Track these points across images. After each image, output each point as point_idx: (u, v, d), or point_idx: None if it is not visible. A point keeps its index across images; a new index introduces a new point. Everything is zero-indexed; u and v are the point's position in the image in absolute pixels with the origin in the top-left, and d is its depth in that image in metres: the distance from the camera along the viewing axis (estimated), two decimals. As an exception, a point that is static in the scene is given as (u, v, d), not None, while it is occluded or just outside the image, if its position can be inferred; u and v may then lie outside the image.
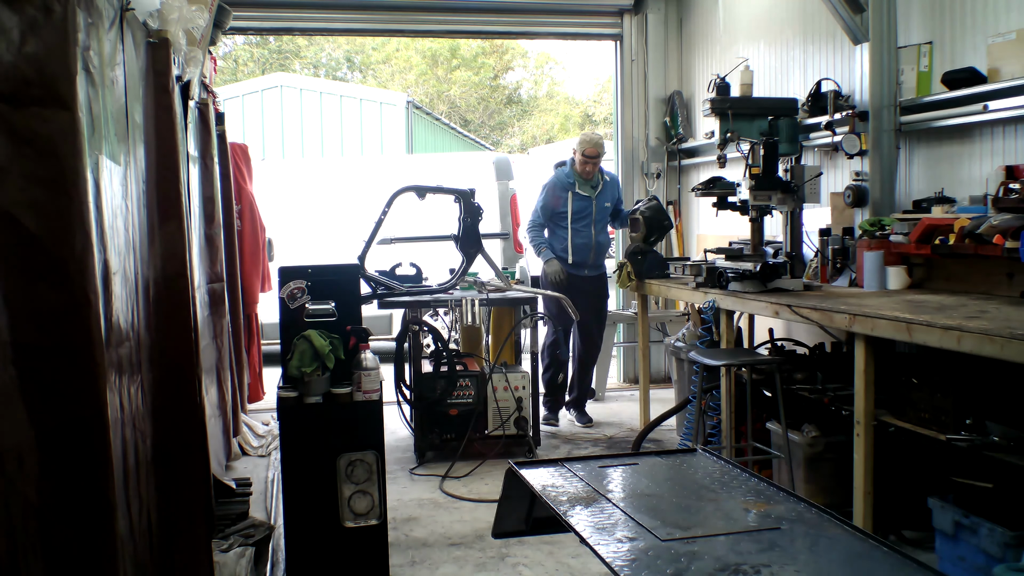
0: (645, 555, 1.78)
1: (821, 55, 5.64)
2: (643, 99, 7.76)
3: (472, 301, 5.48)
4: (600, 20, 7.92)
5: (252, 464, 5.49)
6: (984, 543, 3.22)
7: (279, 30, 9.93)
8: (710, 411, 5.00)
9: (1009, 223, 3.67)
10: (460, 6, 7.72)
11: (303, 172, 10.06)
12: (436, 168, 9.12)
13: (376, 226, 5.50)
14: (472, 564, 3.94)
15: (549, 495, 2.17)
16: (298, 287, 3.62)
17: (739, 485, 2.24)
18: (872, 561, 1.79)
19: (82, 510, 1.89)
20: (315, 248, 8.20)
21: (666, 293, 5.74)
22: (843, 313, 3.75)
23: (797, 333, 5.54)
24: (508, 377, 5.57)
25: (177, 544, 2.96)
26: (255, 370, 6.54)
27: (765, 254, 5.03)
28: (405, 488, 5.05)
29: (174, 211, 3.05)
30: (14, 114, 1.75)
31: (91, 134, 2.09)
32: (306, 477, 3.52)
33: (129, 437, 2.45)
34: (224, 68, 23.93)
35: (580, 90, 31.42)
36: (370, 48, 28.50)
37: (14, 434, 1.75)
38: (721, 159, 5.29)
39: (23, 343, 1.78)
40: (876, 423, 3.72)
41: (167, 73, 3.11)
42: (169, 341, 2.98)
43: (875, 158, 4.81)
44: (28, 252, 1.78)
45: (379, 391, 3.58)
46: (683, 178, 7.74)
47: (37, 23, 1.78)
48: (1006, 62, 4.05)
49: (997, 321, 3.13)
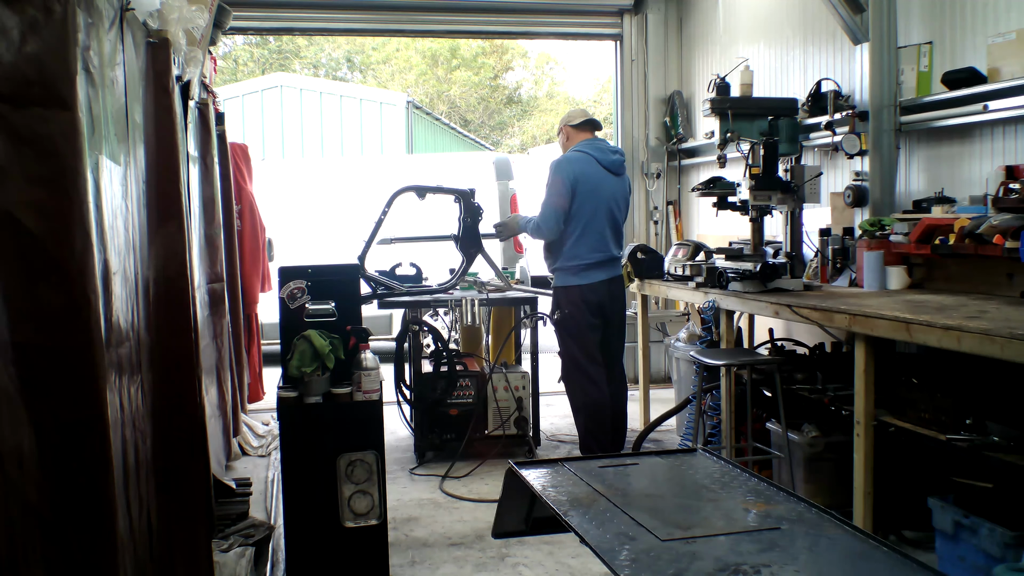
0: (645, 555, 1.78)
1: (821, 55, 5.64)
2: (643, 99, 7.76)
3: (472, 301, 5.48)
4: (600, 20, 7.93)
5: (252, 464, 5.49)
6: (984, 543, 3.22)
7: (279, 30, 9.94)
8: (710, 411, 5.00)
9: (1009, 223, 3.67)
10: (460, 6, 7.72)
11: (303, 172, 10.06)
12: (436, 168, 9.12)
13: (376, 226, 5.50)
14: (472, 564, 3.94)
15: (549, 495, 2.17)
16: (298, 287, 3.62)
17: (739, 485, 2.24)
18: (872, 561, 1.79)
19: (82, 510, 1.89)
20: (315, 248, 8.20)
21: (666, 293, 5.74)
22: (843, 313, 3.75)
23: (797, 333, 5.54)
24: (508, 377, 5.56)
25: (177, 544, 2.96)
26: (255, 370, 6.54)
27: (765, 254, 5.03)
28: (405, 488, 5.05)
29: (174, 211, 3.05)
30: (14, 114, 1.75)
31: (91, 134, 2.09)
32: (306, 477, 3.52)
33: (129, 437, 2.45)
34: (224, 68, 23.93)
35: (580, 90, 31.43)
36: (370, 48, 28.50)
37: (14, 434, 1.75)
38: (721, 159, 5.29)
39: (23, 343, 1.78)
40: (876, 423, 3.72)
41: (167, 73, 3.11)
42: (169, 341, 2.98)
43: (875, 158, 4.81)
44: (28, 252, 1.78)
45: (379, 391, 3.58)
46: (683, 178, 7.74)
47: (37, 23, 1.78)
48: (1006, 62, 4.05)
49: (997, 321, 3.13)
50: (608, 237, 5.09)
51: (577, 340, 5.16)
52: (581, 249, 5.03)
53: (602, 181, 5.07)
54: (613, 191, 5.11)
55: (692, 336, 5.85)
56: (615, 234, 5.16)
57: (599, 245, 5.04)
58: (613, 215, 5.12)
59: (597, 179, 5.06)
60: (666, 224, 7.80)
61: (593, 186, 5.05)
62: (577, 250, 5.03)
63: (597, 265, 5.05)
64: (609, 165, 5.11)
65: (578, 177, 5.05)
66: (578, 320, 5.10)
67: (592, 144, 5.20)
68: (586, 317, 5.10)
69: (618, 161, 5.16)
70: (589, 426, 5.15)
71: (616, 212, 5.14)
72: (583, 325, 5.10)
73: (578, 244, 5.04)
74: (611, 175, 5.11)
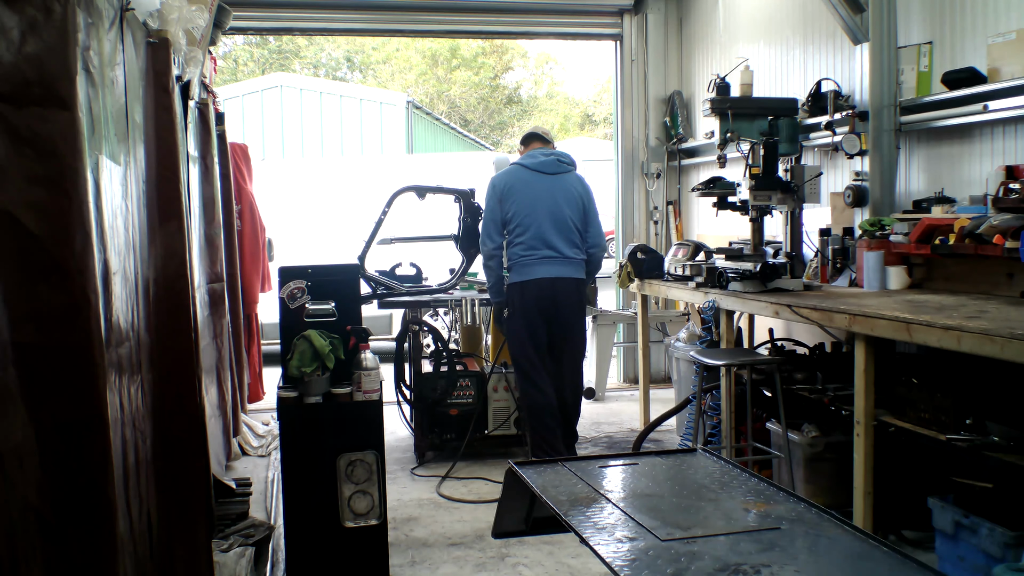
0: (645, 555, 1.78)
1: (821, 55, 5.64)
2: (643, 99, 7.76)
3: (472, 301, 5.48)
4: (600, 20, 7.92)
5: (252, 464, 5.49)
6: (984, 543, 3.22)
7: (279, 30, 9.93)
8: (710, 411, 5.00)
9: (1009, 223, 3.67)
10: (460, 6, 7.72)
11: (303, 172, 10.07)
12: (436, 168, 9.13)
13: (376, 226, 5.50)
14: (472, 564, 3.94)
15: (549, 495, 2.17)
16: (298, 287, 3.62)
17: (739, 485, 2.24)
18: (872, 561, 1.79)
19: (82, 510, 1.89)
20: (315, 248, 8.20)
21: (666, 293, 5.74)
22: (843, 313, 3.75)
23: (797, 333, 5.54)
24: (508, 377, 5.56)
25: (177, 544, 2.96)
26: (255, 370, 6.54)
27: (765, 254, 5.03)
28: (405, 488, 5.05)
29: (174, 211, 3.05)
30: (14, 114, 1.75)
31: (91, 134, 2.09)
32: (306, 477, 3.52)
33: (129, 437, 2.45)
34: (224, 68, 23.94)
35: (580, 90, 31.47)
36: (370, 48, 28.52)
37: (14, 434, 1.75)
38: (721, 159, 5.29)
39: (23, 343, 1.78)
40: (876, 423, 3.72)
41: (167, 73, 3.11)
42: (169, 341, 2.98)
43: (875, 158, 4.81)
44: (28, 252, 1.78)
45: (379, 391, 3.58)
46: (683, 178, 7.74)
47: (37, 23, 1.78)
48: (1006, 62, 4.05)
49: (997, 321, 3.13)
50: (549, 235, 5.01)
51: (514, 339, 5.11)
52: (517, 248, 5.05)
53: (531, 185, 5.08)
54: (549, 190, 5.07)
55: (692, 336, 5.85)
56: (561, 232, 5.05)
57: (535, 244, 5.01)
58: (554, 214, 5.05)
59: (524, 184, 5.09)
60: (666, 224, 7.80)
61: (520, 191, 5.07)
62: (514, 249, 5.07)
63: (537, 262, 5.00)
64: (537, 167, 5.13)
65: (503, 187, 5.11)
66: (517, 319, 5.06)
67: (526, 156, 5.25)
68: (524, 316, 5.03)
69: (548, 162, 5.14)
70: (535, 426, 5.10)
71: (557, 209, 5.05)
72: (520, 324, 5.05)
73: (515, 244, 5.07)
74: (543, 175, 5.11)
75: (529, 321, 5.02)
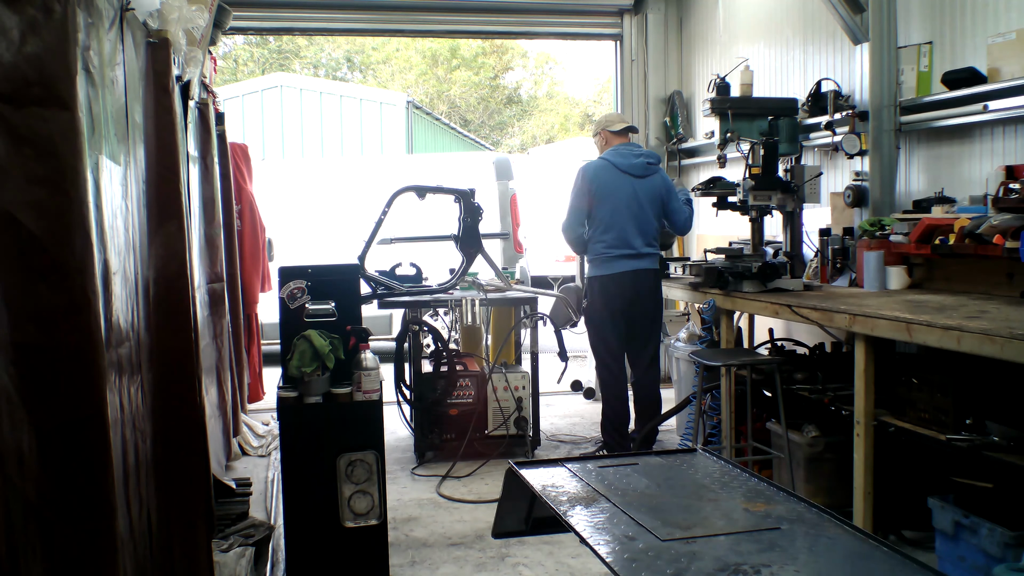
0: (645, 555, 1.78)
1: (821, 55, 5.64)
2: (643, 99, 7.76)
3: (472, 301, 5.48)
4: (600, 20, 7.93)
5: (252, 464, 5.49)
6: (984, 543, 3.22)
7: (279, 30, 9.93)
8: (710, 411, 5.00)
9: (1009, 223, 3.67)
10: (460, 6, 7.72)
11: (303, 172, 10.06)
12: (436, 168, 9.12)
13: (376, 226, 5.50)
14: (472, 564, 3.94)
15: (549, 495, 2.17)
16: (298, 287, 3.62)
17: (739, 485, 2.24)
18: (872, 561, 1.79)
19: (82, 510, 1.89)
20: (315, 248, 8.20)
21: (666, 293, 5.74)
22: (843, 313, 3.75)
23: (797, 333, 5.54)
24: (508, 377, 5.57)
25: (177, 544, 2.96)
26: (255, 370, 6.54)
27: (765, 254, 5.03)
28: (405, 488, 5.05)
29: (174, 211, 3.05)
30: (14, 114, 1.75)
31: (91, 134, 2.09)
32: (306, 477, 3.52)
33: (129, 437, 2.45)
34: (224, 68, 23.94)
35: (580, 90, 31.46)
36: (370, 48, 28.52)
37: (14, 434, 1.75)
38: (721, 159, 5.29)
39: (23, 343, 1.78)
40: (876, 423, 3.72)
41: (167, 73, 3.11)
42: (169, 341, 2.98)
43: (875, 158, 4.81)
44: (28, 252, 1.78)
45: (379, 391, 3.58)
46: (683, 178, 7.73)
47: (37, 23, 1.78)
48: (1006, 62, 4.05)
49: (997, 321, 3.13)
50: (631, 234, 5.19)
51: (595, 328, 5.35)
52: (599, 245, 5.22)
53: (620, 184, 5.20)
54: (635, 192, 5.21)
55: (692, 336, 5.85)
56: (641, 232, 5.22)
57: (617, 242, 5.18)
58: (638, 216, 5.20)
59: (615, 183, 5.20)
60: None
61: (610, 190, 5.19)
62: (596, 246, 5.24)
63: (617, 258, 5.19)
64: (628, 168, 5.22)
65: (594, 181, 5.22)
66: (597, 309, 5.27)
67: (616, 150, 5.31)
68: (604, 307, 5.22)
69: (639, 164, 5.25)
70: (606, 412, 5.39)
71: (640, 211, 5.21)
72: (601, 315, 5.26)
73: (597, 241, 5.23)
74: (631, 177, 5.22)
75: (612, 312, 5.22)
